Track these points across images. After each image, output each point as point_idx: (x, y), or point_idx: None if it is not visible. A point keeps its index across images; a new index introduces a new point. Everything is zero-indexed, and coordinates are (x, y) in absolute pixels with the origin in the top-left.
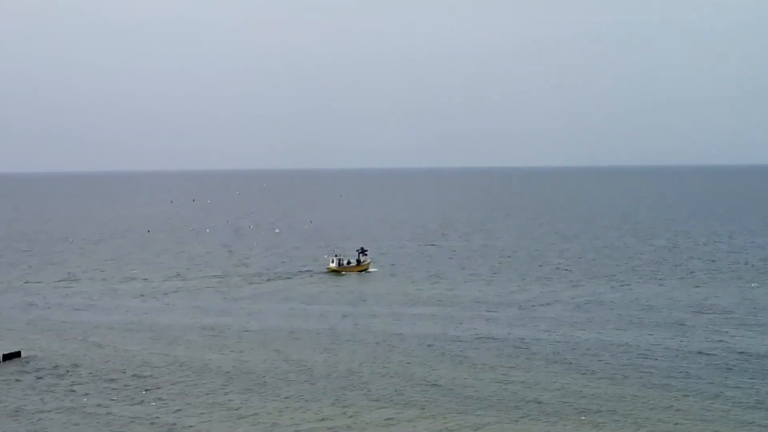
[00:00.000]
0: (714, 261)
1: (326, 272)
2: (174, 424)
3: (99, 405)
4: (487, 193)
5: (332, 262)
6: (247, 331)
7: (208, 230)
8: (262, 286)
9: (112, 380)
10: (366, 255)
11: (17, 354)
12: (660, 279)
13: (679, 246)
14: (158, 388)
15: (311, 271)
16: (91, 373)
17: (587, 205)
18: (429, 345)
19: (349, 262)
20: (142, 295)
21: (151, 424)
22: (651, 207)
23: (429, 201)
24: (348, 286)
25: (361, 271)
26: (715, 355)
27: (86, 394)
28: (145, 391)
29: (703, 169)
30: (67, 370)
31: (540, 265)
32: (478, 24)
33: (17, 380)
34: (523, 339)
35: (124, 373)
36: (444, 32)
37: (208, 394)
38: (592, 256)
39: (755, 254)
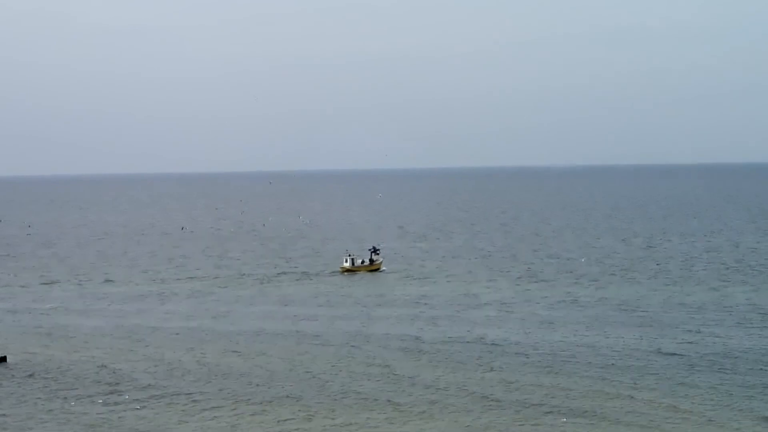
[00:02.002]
0: (688, 260)
1: (340, 272)
2: (154, 422)
3: (81, 408)
4: (485, 193)
5: (345, 261)
6: (240, 333)
7: (232, 230)
8: (268, 287)
9: (94, 382)
10: (378, 254)
11: (3, 359)
12: (632, 278)
13: (656, 246)
14: (139, 390)
15: (323, 272)
16: (75, 376)
17: (575, 204)
18: (406, 346)
19: (363, 262)
20: (137, 297)
21: (130, 427)
22: (635, 206)
23: (430, 201)
24: (351, 287)
25: (373, 270)
26: (685, 355)
27: (65, 398)
28: (126, 395)
29: (701, 167)
30: (51, 375)
31: (532, 266)
32: (468, 22)
33: (1, 386)
34: (499, 340)
35: (101, 376)
36: (433, 31)
37: (179, 394)
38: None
39: (731, 254)
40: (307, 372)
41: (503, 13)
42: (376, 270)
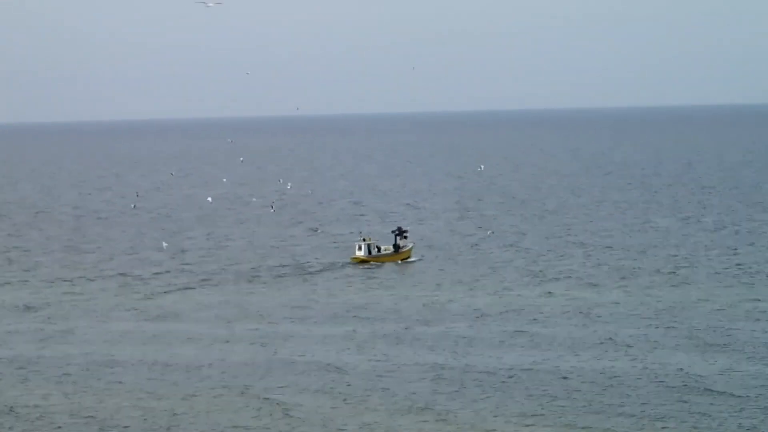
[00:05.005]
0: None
1: (351, 263)
2: None
3: None
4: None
5: (359, 248)
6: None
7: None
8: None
9: None
10: (406, 238)
11: None
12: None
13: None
14: None
15: (326, 263)
16: None
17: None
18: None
19: (379, 249)
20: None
21: None
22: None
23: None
24: (366, 287)
25: (400, 260)
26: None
27: None
28: None
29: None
30: None
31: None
32: None
33: None
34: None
35: None
36: None
37: None
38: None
39: None
40: None
41: None
42: (404, 260)
